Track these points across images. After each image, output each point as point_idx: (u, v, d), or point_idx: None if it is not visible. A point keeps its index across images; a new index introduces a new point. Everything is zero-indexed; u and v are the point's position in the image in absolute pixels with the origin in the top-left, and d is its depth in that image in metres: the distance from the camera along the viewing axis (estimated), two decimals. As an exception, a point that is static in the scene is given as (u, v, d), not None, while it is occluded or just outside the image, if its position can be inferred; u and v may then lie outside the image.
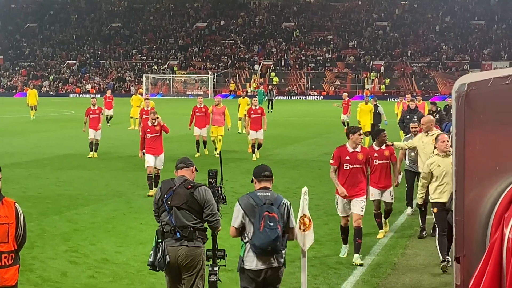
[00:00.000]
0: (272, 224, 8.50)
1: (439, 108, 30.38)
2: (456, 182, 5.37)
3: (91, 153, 28.49)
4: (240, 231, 8.83)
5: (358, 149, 13.39)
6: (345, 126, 39.81)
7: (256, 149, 28.25)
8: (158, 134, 20.15)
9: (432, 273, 12.40)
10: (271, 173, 9.02)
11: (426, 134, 15.91)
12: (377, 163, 14.93)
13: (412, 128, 17.22)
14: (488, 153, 5.37)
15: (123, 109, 49.65)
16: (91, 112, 29.11)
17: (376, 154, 14.92)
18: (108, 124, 43.15)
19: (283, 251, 8.75)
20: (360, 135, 13.47)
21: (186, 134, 33.62)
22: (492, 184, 5.36)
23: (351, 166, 13.25)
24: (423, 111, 30.03)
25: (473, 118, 5.34)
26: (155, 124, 20.18)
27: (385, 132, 15.49)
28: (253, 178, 9.01)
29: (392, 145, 15.80)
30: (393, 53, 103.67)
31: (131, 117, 43.66)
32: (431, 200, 13.15)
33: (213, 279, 9.05)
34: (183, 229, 9.02)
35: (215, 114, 29.37)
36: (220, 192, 9.60)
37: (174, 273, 9.19)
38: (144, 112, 30.01)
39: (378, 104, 33.64)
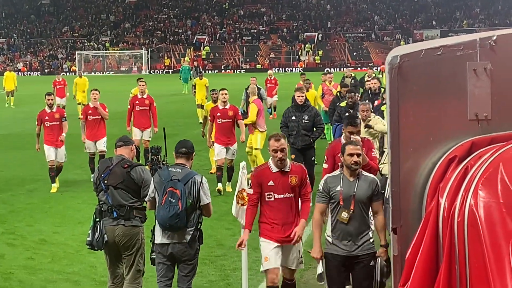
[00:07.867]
0: (173, 200, 8.41)
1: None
2: (391, 153, 5.41)
3: (54, 185, 17.68)
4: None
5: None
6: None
7: (225, 174, 17.07)
8: None
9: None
10: (190, 149, 8.80)
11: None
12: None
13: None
14: (422, 124, 5.43)
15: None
16: (47, 117, 17.69)
17: None
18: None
19: (190, 229, 8.58)
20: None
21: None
22: (427, 155, 5.43)
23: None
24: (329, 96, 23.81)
25: (406, 90, 5.38)
26: None
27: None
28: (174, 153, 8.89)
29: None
30: (326, 24, 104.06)
31: (79, 104, 34.29)
32: None
33: (154, 256, 9.02)
34: (119, 208, 8.98)
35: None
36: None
37: (113, 252, 9.18)
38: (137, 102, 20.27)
39: (260, 87, 26.88)
